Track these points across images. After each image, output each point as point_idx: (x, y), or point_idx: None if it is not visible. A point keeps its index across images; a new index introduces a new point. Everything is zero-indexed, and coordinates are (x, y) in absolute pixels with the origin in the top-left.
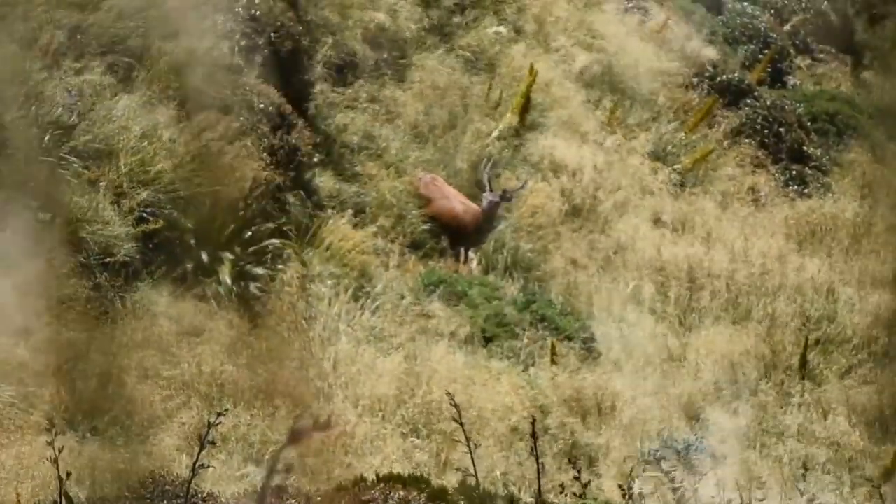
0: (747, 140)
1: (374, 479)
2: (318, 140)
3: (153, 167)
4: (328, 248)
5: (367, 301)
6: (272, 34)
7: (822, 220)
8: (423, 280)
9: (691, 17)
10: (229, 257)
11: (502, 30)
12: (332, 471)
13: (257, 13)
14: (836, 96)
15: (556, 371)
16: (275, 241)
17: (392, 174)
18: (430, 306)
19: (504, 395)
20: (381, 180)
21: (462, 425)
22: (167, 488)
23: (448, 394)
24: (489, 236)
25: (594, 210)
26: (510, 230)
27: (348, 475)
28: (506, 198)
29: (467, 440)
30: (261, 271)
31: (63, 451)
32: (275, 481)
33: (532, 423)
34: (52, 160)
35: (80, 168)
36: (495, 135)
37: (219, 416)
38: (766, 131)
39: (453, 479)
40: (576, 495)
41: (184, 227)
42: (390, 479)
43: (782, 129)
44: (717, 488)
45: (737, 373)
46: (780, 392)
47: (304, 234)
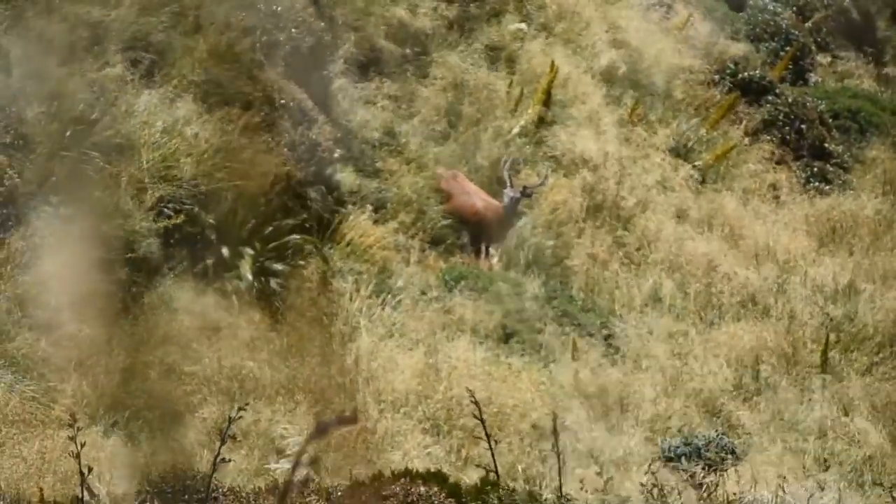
0: (768, 137)
1: (394, 474)
2: (338, 136)
3: (174, 162)
4: (349, 244)
5: (388, 297)
6: (293, 30)
7: (843, 217)
8: (444, 276)
9: (714, 13)
10: (250, 253)
11: (524, 26)
12: (353, 466)
13: (279, 9)
14: (858, 93)
15: (577, 367)
16: (295, 236)
17: (413, 170)
18: (451, 302)
19: (525, 391)
20: (401, 176)
21: (483, 422)
22: (188, 483)
23: (468, 390)
24: (510, 232)
25: (616, 206)
26: (531, 226)
27: (369, 471)
28: (526, 194)
29: (488, 436)
30: (281, 267)
31: (85, 445)
32: (299, 475)
33: (553, 420)
34: (74, 155)
35: (101, 163)
36: (516, 131)
37: (239, 410)
38: (787, 128)
39: (474, 476)
40: (597, 491)
41: (205, 223)
42: (410, 475)
43: (804, 126)
44: (738, 485)
45: (757, 369)
46: (801, 388)
47: (324, 230)
